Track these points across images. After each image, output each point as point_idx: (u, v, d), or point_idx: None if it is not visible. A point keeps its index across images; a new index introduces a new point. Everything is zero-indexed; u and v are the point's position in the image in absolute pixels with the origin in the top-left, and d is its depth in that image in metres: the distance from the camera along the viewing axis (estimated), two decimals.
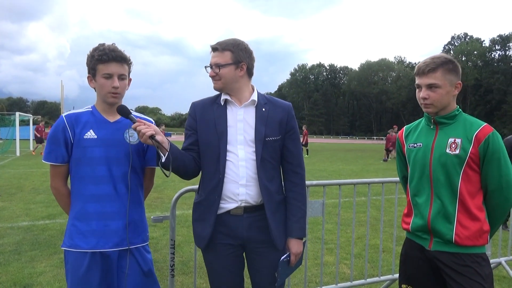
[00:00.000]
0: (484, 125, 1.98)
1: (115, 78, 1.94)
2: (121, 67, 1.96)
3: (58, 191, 2.06)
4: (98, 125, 2.00)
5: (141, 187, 2.15)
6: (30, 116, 28.18)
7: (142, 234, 2.10)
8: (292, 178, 2.08)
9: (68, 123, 1.97)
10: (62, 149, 1.97)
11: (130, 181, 2.02)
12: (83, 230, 1.95)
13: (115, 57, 1.93)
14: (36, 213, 6.91)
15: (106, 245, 1.96)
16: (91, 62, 1.95)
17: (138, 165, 2.09)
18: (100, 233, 1.96)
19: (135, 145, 2.05)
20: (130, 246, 2.02)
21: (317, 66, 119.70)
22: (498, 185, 1.95)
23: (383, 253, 4.90)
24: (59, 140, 1.97)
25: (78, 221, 1.97)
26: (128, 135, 2.03)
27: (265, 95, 2.12)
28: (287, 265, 2.05)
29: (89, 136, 1.96)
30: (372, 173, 14.70)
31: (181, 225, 6.20)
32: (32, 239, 5.32)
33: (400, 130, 2.35)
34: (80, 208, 1.97)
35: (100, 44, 1.97)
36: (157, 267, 4.37)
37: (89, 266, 1.93)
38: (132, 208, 2.04)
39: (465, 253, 1.97)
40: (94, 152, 1.96)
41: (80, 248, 1.94)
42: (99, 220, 1.96)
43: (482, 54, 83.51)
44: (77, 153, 1.97)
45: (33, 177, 11.55)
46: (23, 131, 26.60)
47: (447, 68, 1.98)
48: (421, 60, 2.08)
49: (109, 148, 1.98)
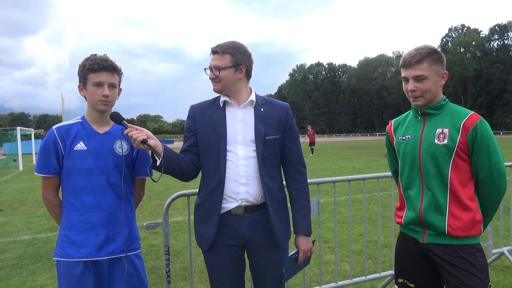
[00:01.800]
0: (471, 113, 1.96)
1: (106, 87, 1.98)
2: (112, 77, 2.01)
3: (49, 201, 2.09)
4: (88, 136, 2.03)
5: (132, 196, 2.17)
6: (31, 131, 28.33)
7: (134, 242, 2.12)
8: (295, 176, 2.11)
9: (59, 135, 2.01)
10: (53, 161, 2.00)
11: (120, 191, 2.05)
12: (74, 240, 1.98)
13: (105, 67, 1.98)
14: (38, 226, 6.92)
15: (97, 254, 1.99)
16: (82, 71, 1.99)
17: (128, 175, 2.12)
18: (91, 242, 1.98)
19: (124, 156, 2.08)
20: (121, 254, 2.05)
21: (316, 66, 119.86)
22: (489, 173, 1.93)
23: (385, 249, 4.87)
24: (50, 152, 2.00)
25: (69, 231, 2.00)
26: (117, 146, 2.06)
27: (263, 96, 2.16)
28: (295, 262, 2.08)
29: (79, 148, 2.00)
30: (375, 170, 14.64)
31: (183, 230, 6.19)
32: (34, 253, 5.32)
33: (388, 124, 2.33)
34: (71, 218, 2.00)
35: (92, 55, 2.02)
36: (158, 274, 4.37)
37: (83, 274, 1.97)
38: (123, 217, 2.06)
39: (458, 244, 1.94)
40: (84, 163, 1.99)
41: (72, 258, 1.97)
42: (90, 230, 1.99)
43: (480, 45, 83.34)
44: (68, 164, 2.00)
45: (35, 190, 11.58)
46: (26, 146, 26.72)
47: (433, 59, 1.96)
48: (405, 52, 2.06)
49: (99, 159, 2.01)
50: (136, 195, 2.24)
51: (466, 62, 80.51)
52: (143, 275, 2.15)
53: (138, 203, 2.31)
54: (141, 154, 2.17)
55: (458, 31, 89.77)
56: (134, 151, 2.15)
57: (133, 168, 2.16)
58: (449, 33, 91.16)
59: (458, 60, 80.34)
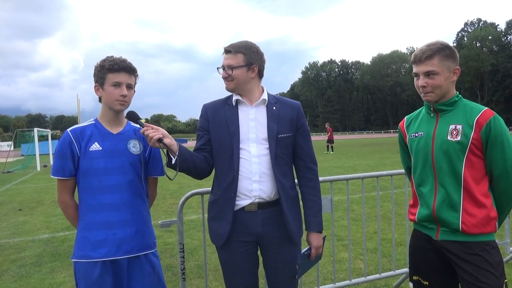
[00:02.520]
0: (485, 109, 1.94)
1: (124, 87, 2.03)
2: (129, 78, 2.06)
3: (66, 204, 2.12)
4: (102, 137, 2.07)
5: (146, 196, 2.20)
6: (48, 131, 28.86)
7: (149, 241, 2.15)
8: (307, 174, 2.14)
9: (74, 137, 2.05)
10: (69, 163, 2.04)
11: (136, 190, 2.09)
12: (93, 240, 2.01)
13: (125, 67, 2.03)
14: (56, 225, 7.07)
15: (116, 253, 2.02)
16: (100, 72, 2.03)
17: (142, 174, 2.15)
18: (109, 242, 2.01)
19: (138, 155, 2.12)
20: (139, 253, 2.08)
21: (329, 63, 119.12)
22: (504, 170, 1.91)
23: (400, 247, 4.84)
24: (66, 154, 2.04)
25: (87, 231, 2.03)
26: (131, 145, 2.10)
27: (274, 95, 2.19)
28: (308, 259, 2.11)
29: (94, 148, 2.04)
30: (389, 167, 14.49)
31: (197, 229, 6.25)
32: (52, 251, 5.44)
33: (401, 121, 2.32)
34: (89, 219, 2.03)
35: (108, 56, 2.06)
36: (173, 272, 4.42)
37: (102, 273, 1.99)
38: (140, 216, 2.10)
39: (473, 241, 1.93)
40: (100, 163, 2.03)
41: (91, 258, 1.99)
42: (107, 229, 2.02)
43: (497, 39, 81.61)
44: (84, 165, 2.03)
45: (53, 190, 11.81)
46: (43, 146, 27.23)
47: (444, 54, 1.95)
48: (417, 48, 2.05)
49: (114, 159, 2.05)
50: (150, 195, 2.26)
51: (483, 57, 78.92)
52: (161, 273, 2.18)
53: (151, 203, 2.34)
54: (153, 154, 2.20)
55: (474, 25, 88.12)
56: (147, 151, 2.18)
57: (146, 167, 2.19)
58: (465, 27, 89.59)
59: (474, 55, 78.90)
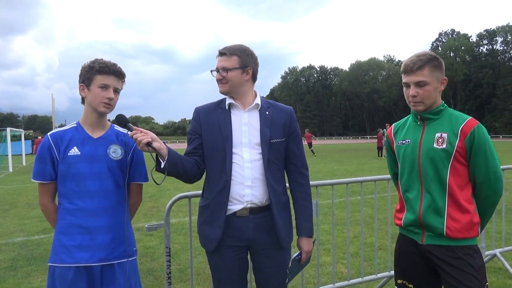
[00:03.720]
0: (469, 118, 2.02)
1: (111, 90, 2.02)
2: (118, 82, 2.06)
3: (45, 207, 2.11)
4: (81, 141, 2.04)
5: (126, 202, 2.14)
6: (21, 131, 27.99)
7: (128, 248, 2.10)
8: (298, 179, 2.16)
9: (53, 141, 2.03)
10: (49, 167, 2.03)
11: (115, 196, 2.06)
12: (68, 245, 1.98)
13: (115, 71, 2.03)
14: (31, 228, 6.86)
15: (90, 260, 1.98)
16: (88, 72, 2.00)
17: (122, 181, 2.11)
18: (84, 248, 1.98)
19: (118, 161, 2.09)
20: (113, 261, 2.03)
21: (308, 68, 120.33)
22: (486, 177, 1.99)
23: (380, 251, 4.93)
24: (46, 158, 2.02)
25: (63, 235, 2.00)
26: (111, 150, 2.08)
27: (267, 99, 2.20)
28: (298, 263, 2.13)
29: (73, 153, 2.02)
30: (367, 172, 14.77)
31: (178, 233, 6.19)
32: (28, 255, 5.28)
33: (389, 128, 2.38)
34: (65, 223, 2.00)
35: (98, 59, 2.05)
36: (155, 276, 4.36)
37: (75, 279, 1.96)
38: (117, 223, 2.06)
39: (457, 245, 1.99)
40: (78, 168, 2.00)
41: (65, 263, 1.96)
42: (83, 235, 1.99)
43: (469, 49, 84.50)
44: (62, 170, 2.02)
45: (26, 192, 11.48)
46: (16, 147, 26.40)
47: (434, 65, 2.02)
48: (406, 58, 2.11)
49: (92, 164, 2.02)
50: (132, 201, 2.22)
51: (456, 67, 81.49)
52: (137, 282, 2.14)
53: (135, 209, 2.29)
54: (136, 159, 2.17)
55: (448, 35, 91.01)
56: (128, 156, 2.15)
57: (128, 173, 2.14)
58: (440, 37, 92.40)
59: (448, 64, 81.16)
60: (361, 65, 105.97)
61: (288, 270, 2.10)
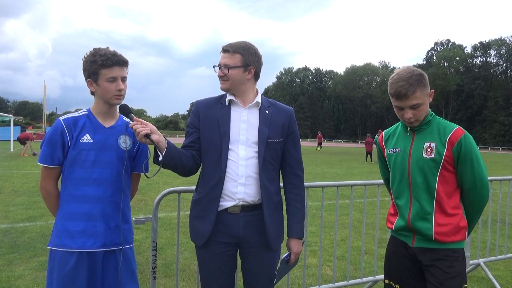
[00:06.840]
0: (456, 128, 2.07)
1: (119, 81, 2.02)
2: (123, 70, 2.05)
3: (48, 192, 2.10)
4: (94, 129, 2.07)
5: (129, 191, 2.20)
6: (11, 117, 27.59)
7: (129, 236, 2.15)
8: (293, 180, 2.15)
9: (66, 126, 2.03)
10: (58, 151, 2.03)
11: (120, 185, 2.08)
12: (72, 230, 2.00)
13: (117, 61, 2.02)
14: (16, 215, 6.77)
15: (93, 245, 2.01)
16: (91, 67, 2.00)
17: (128, 170, 2.15)
18: (88, 234, 2.01)
19: (127, 151, 2.12)
20: (115, 247, 2.07)
21: (303, 70, 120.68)
22: (473, 184, 2.05)
23: (366, 255, 4.96)
24: (57, 143, 2.02)
25: (66, 220, 2.01)
26: (121, 140, 2.11)
27: (268, 99, 2.19)
28: (286, 264, 2.13)
29: (85, 140, 2.04)
30: (356, 176, 14.85)
31: (165, 227, 6.16)
32: (11, 242, 5.21)
33: (380, 135, 2.41)
34: (70, 208, 2.02)
35: (96, 49, 2.03)
36: (140, 270, 4.32)
37: (76, 265, 1.98)
38: (121, 211, 2.09)
39: (444, 248, 2.06)
40: (88, 155, 2.03)
41: (67, 248, 1.98)
42: (87, 221, 2.01)
43: (463, 60, 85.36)
44: (72, 155, 2.03)
45: (13, 178, 11.31)
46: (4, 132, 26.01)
47: (423, 85, 2.04)
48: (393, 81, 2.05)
49: (103, 152, 2.05)
50: (131, 190, 2.26)
51: (449, 77, 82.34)
52: (135, 269, 2.18)
53: (132, 197, 2.33)
54: (141, 150, 2.20)
55: (443, 45, 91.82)
56: (135, 147, 2.18)
57: (133, 163, 2.19)
58: (435, 46, 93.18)
59: (441, 74, 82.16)
60: (356, 70, 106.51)
61: (277, 271, 2.11)
